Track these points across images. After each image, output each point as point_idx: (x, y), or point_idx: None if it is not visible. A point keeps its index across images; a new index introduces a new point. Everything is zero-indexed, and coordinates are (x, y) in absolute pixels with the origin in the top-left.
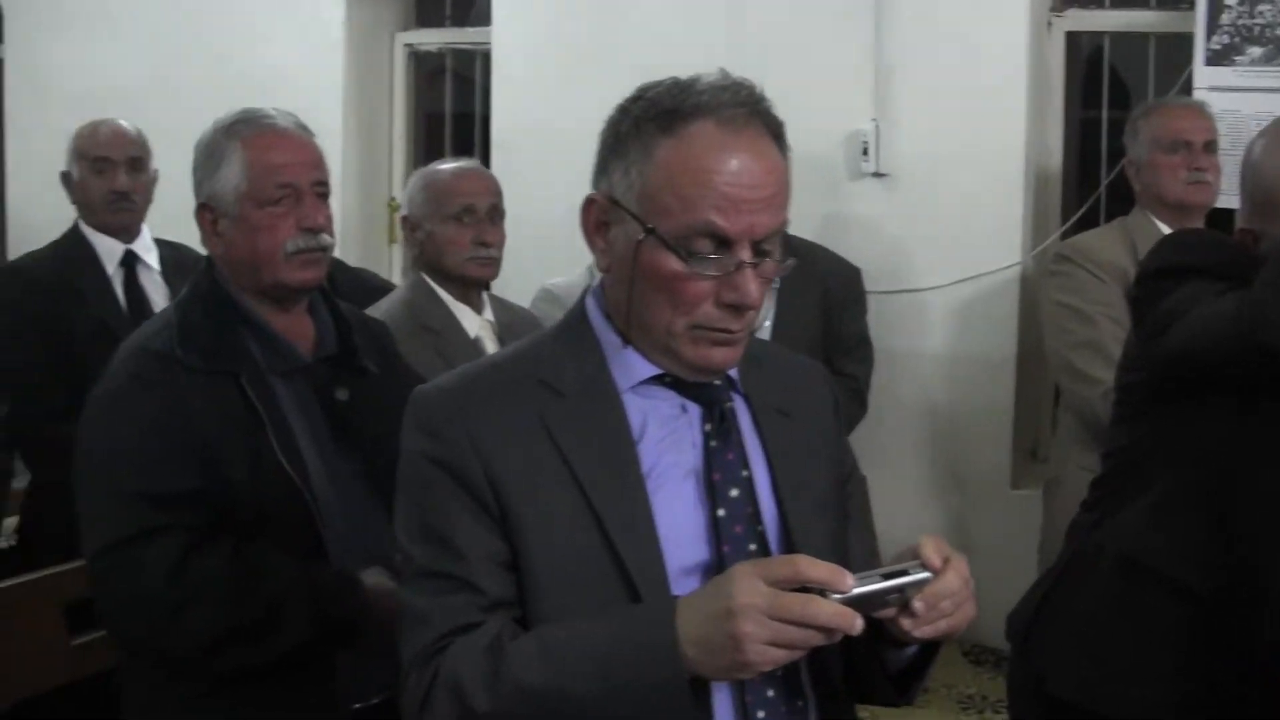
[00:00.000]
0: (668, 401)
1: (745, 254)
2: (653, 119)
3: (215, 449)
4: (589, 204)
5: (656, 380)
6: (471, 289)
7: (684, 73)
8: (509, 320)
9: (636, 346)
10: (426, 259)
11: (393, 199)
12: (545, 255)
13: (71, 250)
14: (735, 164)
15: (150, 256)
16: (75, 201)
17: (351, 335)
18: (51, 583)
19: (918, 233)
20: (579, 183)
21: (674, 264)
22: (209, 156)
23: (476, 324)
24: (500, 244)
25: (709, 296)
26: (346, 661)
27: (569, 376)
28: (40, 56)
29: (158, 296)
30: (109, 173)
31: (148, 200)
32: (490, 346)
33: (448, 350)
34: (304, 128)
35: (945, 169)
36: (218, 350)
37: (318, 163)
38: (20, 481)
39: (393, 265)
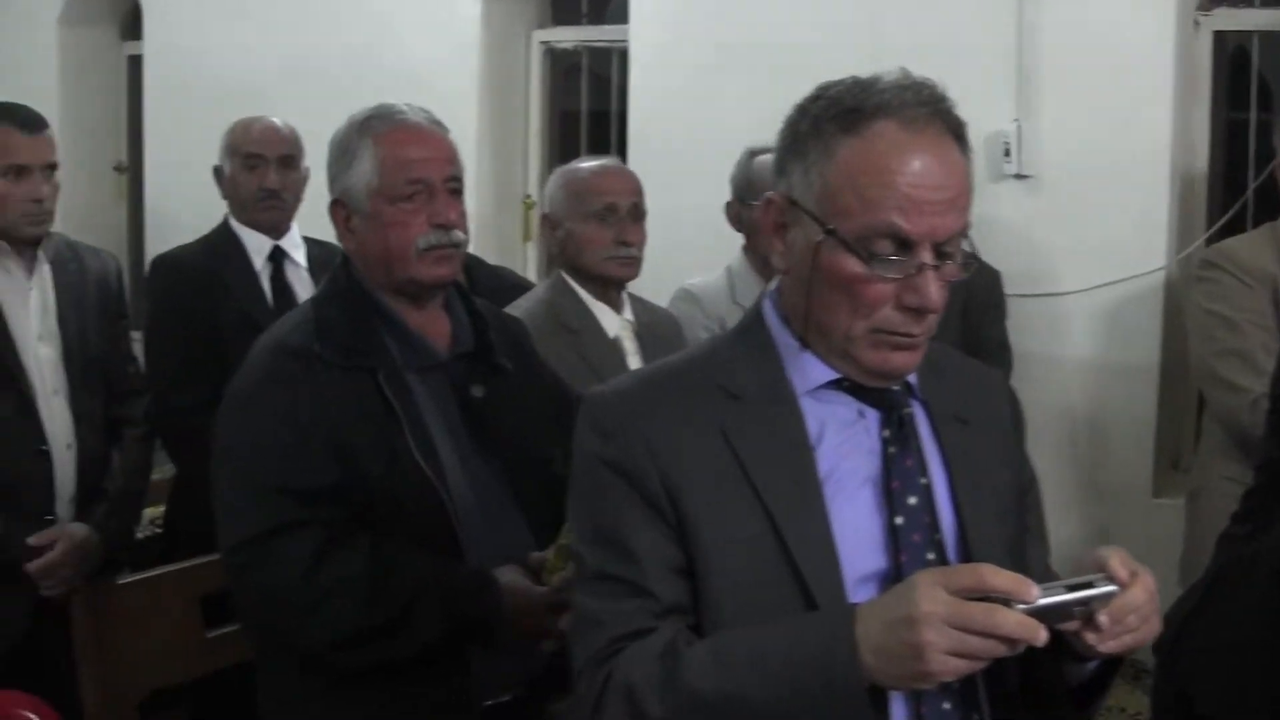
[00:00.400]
0: (845, 406)
1: (927, 256)
2: (833, 118)
3: (352, 445)
4: (767, 204)
5: (834, 385)
6: (611, 288)
7: (823, 71)
8: (648, 320)
9: (814, 350)
10: (566, 258)
11: (528, 196)
12: (683, 254)
13: (221, 245)
14: (918, 164)
15: (298, 253)
16: (226, 197)
17: (488, 332)
18: (189, 575)
19: (1059, 236)
20: (717, 182)
21: (854, 265)
22: (342, 153)
23: (616, 323)
24: (641, 243)
25: (889, 299)
26: (479, 658)
27: (746, 381)
28: (179, 52)
29: (304, 293)
30: (260, 170)
31: (298, 198)
32: (630, 346)
33: (587, 349)
34: (438, 123)
35: (1088, 171)
36: (355, 346)
37: (451, 159)
38: (160, 473)
39: (528, 262)
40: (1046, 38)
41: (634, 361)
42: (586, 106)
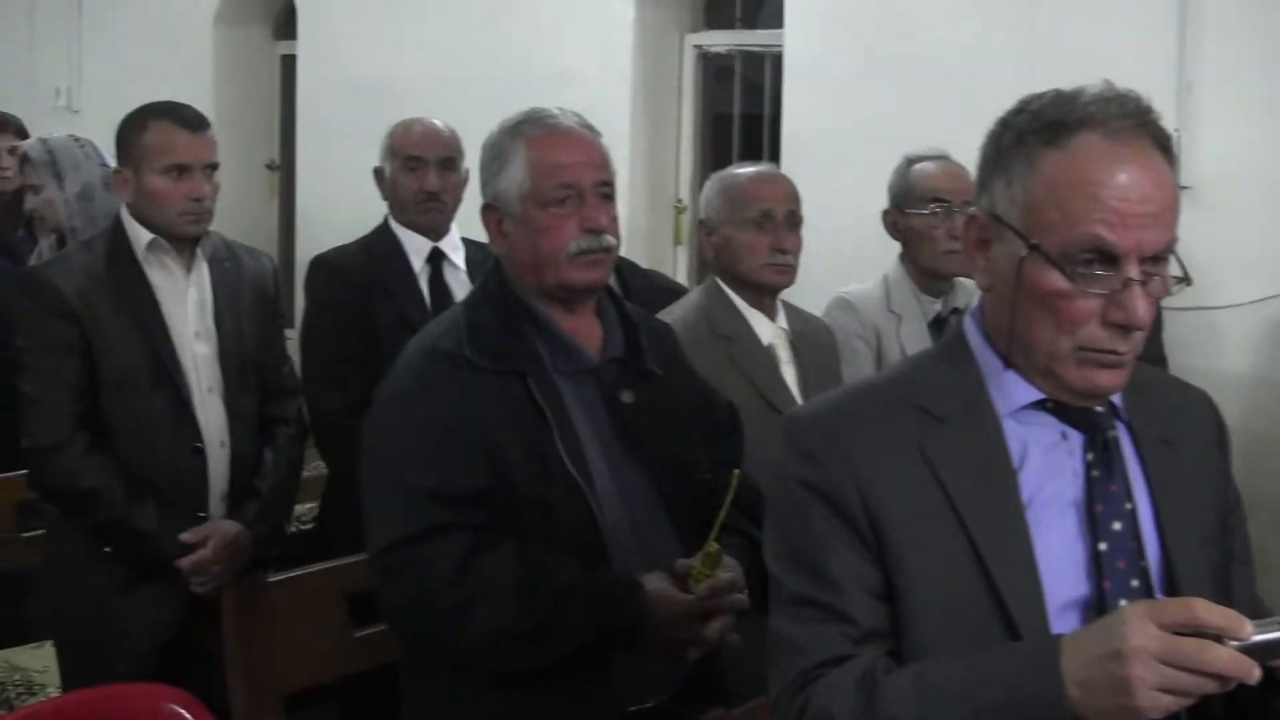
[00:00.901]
0: (1048, 428)
1: (1133, 271)
2: (1036, 131)
3: (501, 449)
4: (970, 221)
5: (1037, 406)
6: (766, 295)
7: (980, 78)
8: (802, 328)
9: (1018, 369)
10: (722, 264)
11: (679, 200)
12: (838, 262)
13: (380, 246)
14: (1124, 177)
15: (457, 256)
16: (386, 198)
17: (638, 338)
18: (338, 574)
19: (1218, 248)
20: (872, 188)
21: (1058, 281)
22: (494, 157)
23: (770, 331)
24: (797, 251)
25: (1094, 316)
26: (624, 664)
27: (948, 401)
28: (332, 51)
29: (462, 295)
30: (420, 171)
31: (457, 200)
32: (783, 354)
33: (740, 357)
34: (589, 127)
35: (1249, 182)
36: (505, 350)
37: (602, 163)
38: (311, 470)
39: (678, 266)
40: (1207, 48)
41: (787, 370)
42: (739, 110)
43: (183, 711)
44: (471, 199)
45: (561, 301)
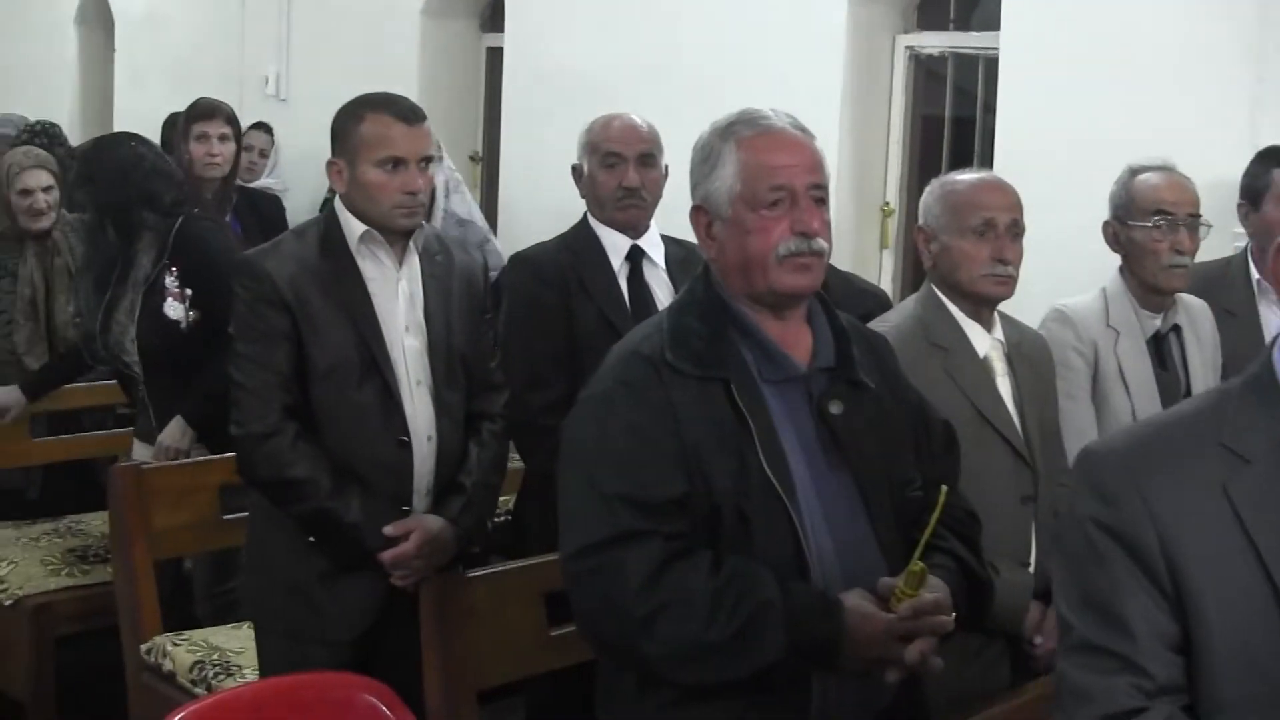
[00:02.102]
0: None
1: None
2: None
3: (701, 456)
4: (1278, 251)
5: None
6: (984, 306)
7: (1206, 83)
8: (1018, 340)
9: None
10: (940, 272)
11: (886, 204)
12: (1053, 273)
13: (579, 243)
14: None
15: (656, 253)
16: (584, 195)
17: (850, 347)
18: (534, 572)
19: None
20: (1090, 198)
21: None
22: (705, 158)
23: (986, 343)
24: (1019, 262)
25: None
26: (821, 684)
27: (1255, 440)
28: (540, 47)
29: (662, 293)
30: (619, 168)
31: (657, 197)
32: (999, 367)
33: (955, 368)
34: (803, 129)
35: None
36: (709, 356)
37: (815, 166)
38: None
39: (883, 271)
40: None
41: (1003, 383)
42: (950, 113)
43: (377, 702)
44: (669, 196)
45: (770, 307)
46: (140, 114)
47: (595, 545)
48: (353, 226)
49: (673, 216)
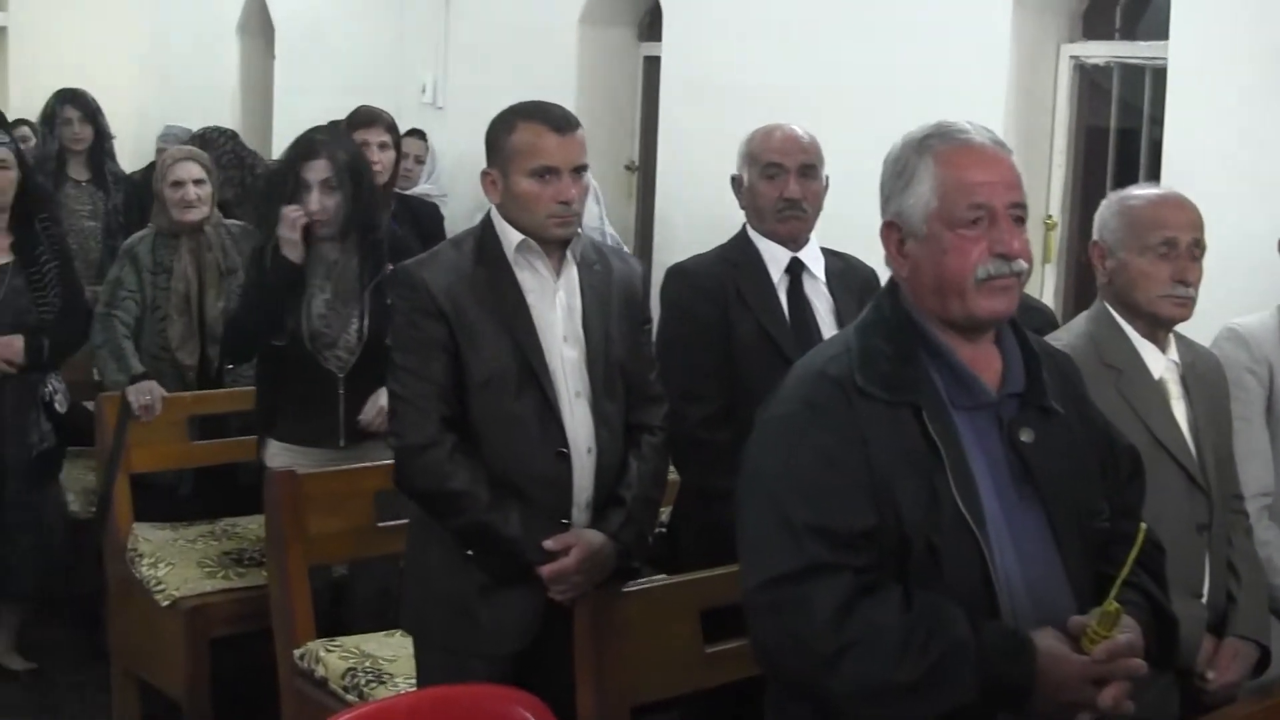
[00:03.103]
0: None
1: None
2: None
3: (891, 486)
4: None
5: None
6: (1160, 327)
7: None
8: (1192, 361)
9: None
10: (1115, 290)
11: (1049, 217)
12: (1224, 290)
13: (738, 255)
14: None
15: (816, 266)
16: (744, 206)
17: (1040, 371)
18: (690, 588)
19: None
20: (1264, 213)
21: None
22: (898, 173)
23: (1161, 364)
24: (1198, 282)
25: None
26: None
27: None
28: (699, 56)
29: (821, 307)
30: (780, 179)
31: (818, 209)
32: (1174, 389)
33: (1129, 390)
34: (1001, 144)
35: None
36: (899, 380)
37: (1015, 183)
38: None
39: (1045, 285)
40: None
41: (1178, 406)
42: (1115, 124)
43: (530, 716)
44: (830, 207)
45: (962, 329)
46: (300, 121)
47: (781, 578)
48: (509, 236)
49: (831, 225)
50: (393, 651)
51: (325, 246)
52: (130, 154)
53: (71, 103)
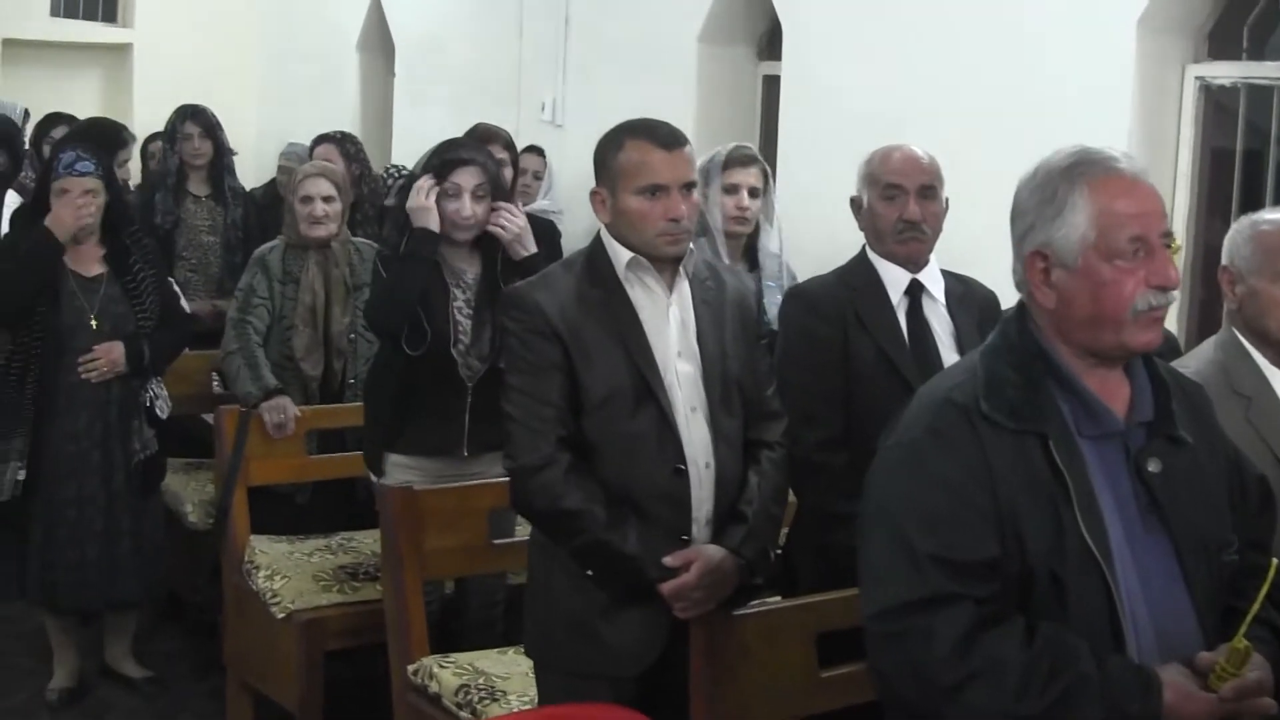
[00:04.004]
0: None
1: None
2: None
3: (1015, 515)
4: None
5: None
6: None
7: None
8: None
9: None
10: (1245, 317)
11: (1173, 239)
12: None
13: (857, 277)
14: None
15: (936, 288)
16: (863, 228)
17: (1169, 399)
18: (806, 611)
19: None
20: None
21: None
22: (1046, 200)
23: None
24: None
25: None
26: None
27: None
28: (818, 76)
29: (941, 330)
30: (900, 200)
31: (937, 230)
32: None
33: (1259, 418)
34: (1145, 172)
35: None
36: (1026, 408)
37: (1164, 212)
38: None
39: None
40: None
41: None
42: (1241, 146)
43: None
44: (949, 229)
45: (1097, 358)
46: (418, 136)
47: (902, 607)
48: (619, 254)
49: (951, 246)
50: (506, 669)
51: (455, 253)
52: (251, 170)
53: (192, 118)
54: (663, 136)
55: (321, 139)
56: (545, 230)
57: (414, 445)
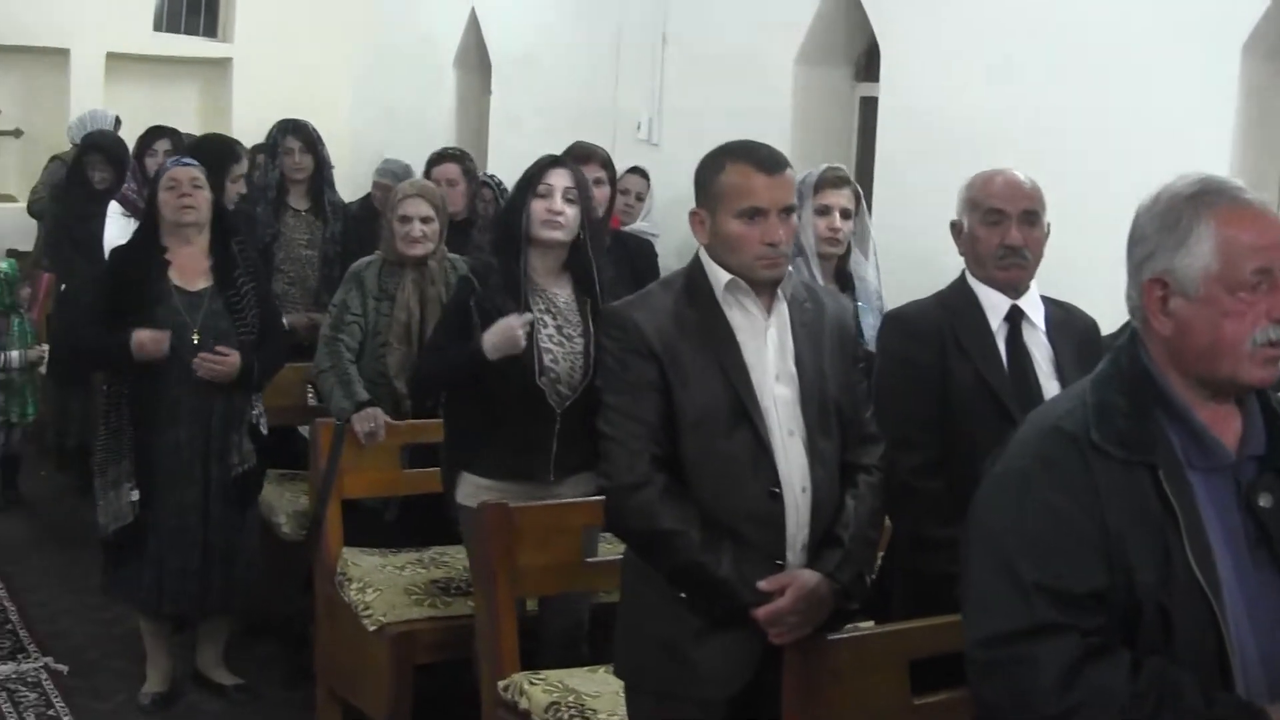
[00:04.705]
0: None
1: None
2: None
3: (1123, 547)
4: None
5: None
6: None
7: None
8: None
9: None
10: None
11: None
12: None
13: (956, 301)
14: None
15: (1036, 315)
16: (963, 253)
17: None
18: (899, 638)
19: None
20: None
21: None
22: (1168, 228)
23: None
24: None
25: None
26: None
27: None
28: (916, 98)
29: (1040, 357)
30: (1001, 225)
31: (1039, 256)
32: None
33: None
34: (1270, 206)
35: None
36: (1135, 438)
37: None
38: None
39: None
40: None
41: None
42: None
43: None
44: (1050, 254)
45: (1211, 390)
46: (514, 154)
47: (1007, 635)
48: (718, 276)
49: (1050, 271)
50: (596, 687)
51: (545, 273)
52: (346, 185)
53: (293, 133)
54: (764, 160)
55: (442, 156)
56: (643, 251)
57: (494, 469)
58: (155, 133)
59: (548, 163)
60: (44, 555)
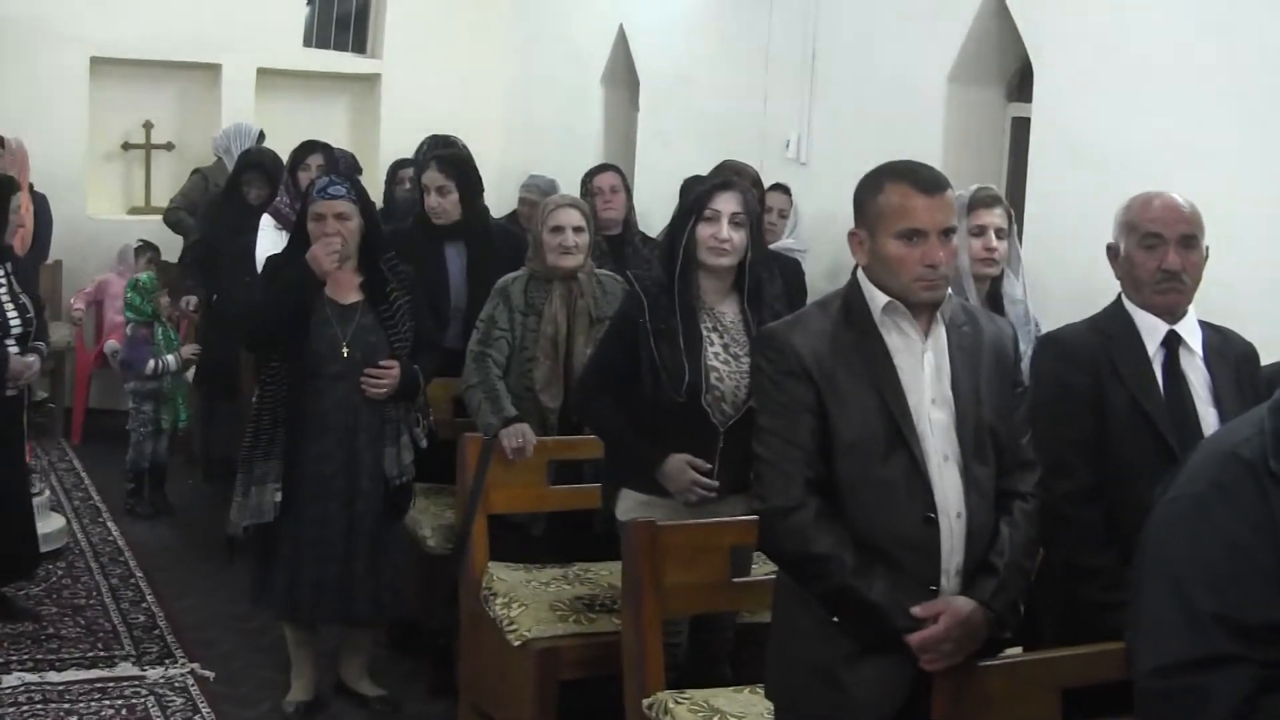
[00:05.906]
0: None
1: None
2: None
3: None
4: None
5: None
6: None
7: None
8: None
9: None
10: None
11: None
12: None
13: (1112, 325)
14: None
15: (1194, 340)
16: (1120, 276)
17: None
18: (1053, 666)
19: None
20: None
21: None
22: None
23: None
24: None
25: None
26: None
27: None
28: (1070, 119)
29: (1198, 382)
30: (1159, 249)
31: (1197, 280)
32: None
33: None
34: None
35: None
36: None
37: None
38: None
39: None
40: None
41: None
42: None
43: None
44: (1207, 279)
45: None
46: (662, 172)
47: (1179, 665)
48: (876, 298)
49: (1207, 295)
50: (742, 708)
51: (714, 292)
52: (493, 201)
53: (436, 163)
54: (924, 180)
55: (603, 168)
56: (790, 269)
57: (655, 485)
58: (308, 147)
59: (717, 185)
60: (191, 563)
